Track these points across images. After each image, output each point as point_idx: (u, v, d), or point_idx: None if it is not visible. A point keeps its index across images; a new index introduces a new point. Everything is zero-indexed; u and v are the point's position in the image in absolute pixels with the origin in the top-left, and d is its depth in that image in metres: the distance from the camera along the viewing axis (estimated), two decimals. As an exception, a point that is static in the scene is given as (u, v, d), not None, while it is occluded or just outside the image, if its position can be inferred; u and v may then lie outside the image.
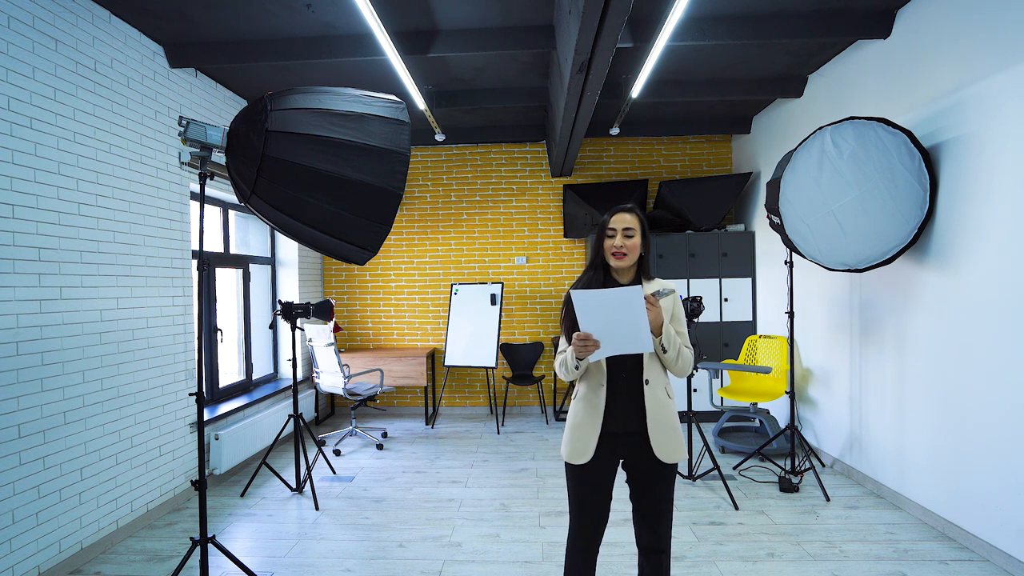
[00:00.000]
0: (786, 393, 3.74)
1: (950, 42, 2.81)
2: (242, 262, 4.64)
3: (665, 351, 1.75)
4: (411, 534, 3.00)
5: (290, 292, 5.18)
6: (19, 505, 2.43)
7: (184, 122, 2.05)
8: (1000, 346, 2.53)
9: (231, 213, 4.52)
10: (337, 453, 4.45)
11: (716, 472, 3.65)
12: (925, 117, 2.97)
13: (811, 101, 4.14)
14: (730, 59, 3.85)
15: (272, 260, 5.17)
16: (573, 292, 1.63)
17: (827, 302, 3.91)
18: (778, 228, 3.36)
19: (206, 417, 3.74)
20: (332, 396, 5.81)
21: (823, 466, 3.92)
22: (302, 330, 5.15)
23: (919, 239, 2.92)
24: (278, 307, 3.59)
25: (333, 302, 3.79)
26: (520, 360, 5.54)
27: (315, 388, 5.28)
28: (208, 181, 2.25)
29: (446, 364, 5.29)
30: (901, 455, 3.19)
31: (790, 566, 2.59)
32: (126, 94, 3.12)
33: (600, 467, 1.80)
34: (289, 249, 5.19)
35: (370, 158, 2.08)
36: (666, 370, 1.83)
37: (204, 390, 2.42)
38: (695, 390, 4.81)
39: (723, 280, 5.02)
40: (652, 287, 1.82)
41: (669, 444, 1.77)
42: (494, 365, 5.11)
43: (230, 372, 4.59)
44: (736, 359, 4.86)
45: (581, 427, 1.79)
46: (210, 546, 2.61)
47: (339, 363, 4.47)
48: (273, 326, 4.06)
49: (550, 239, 5.73)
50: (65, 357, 2.69)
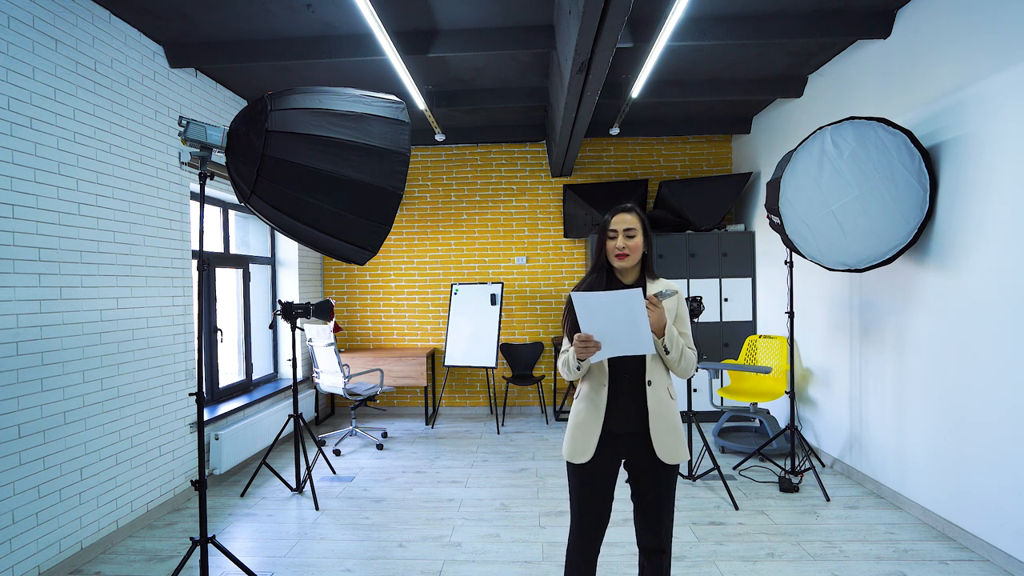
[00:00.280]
0: (786, 393, 3.74)
1: (950, 42, 2.81)
2: (242, 262, 4.64)
3: (668, 352, 1.73)
4: (411, 534, 3.00)
5: (290, 292, 5.18)
6: (19, 505, 2.44)
7: (184, 122, 2.05)
8: (1000, 346, 2.53)
9: (231, 213, 4.52)
10: (337, 453, 4.45)
11: (716, 472, 3.65)
12: (925, 117, 2.97)
13: (811, 101, 4.14)
14: (730, 59, 3.85)
15: (272, 260, 5.17)
16: (574, 294, 1.63)
17: (827, 302, 3.91)
18: (778, 228, 3.37)
19: (206, 417, 3.74)
20: (332, 396, 5.81)
21: (823, 466, 3.92)
22: (302, 330, 5.15)
23: (919, 239, 2.92)
24: (278, 307, 3.59)
25: (333, 302, 3.79)
26: (520, 360, 5.54)
27: (315, 388, 5.28)
28: (208, 181, 2.25)
29: (446, 364, 5.29)
30: (901, 455, 3.19)
31: (790, 566, 2.59)
32: (126, 94, 3.12)
33: (601, 467, 1.80)
34: (289, 249, 5.19)
35: (370, 158, 2.08)
36: (669, 371, 1.82)
37: (204, 390, 2.42)
38: (695, 390, 4.81)
39: (723, 280, 5.02)
40: (656, 287, 1.81)
41: (671, 445, 1.76)
42: (494, 365, 5.11)
43: (230, 372, 4.59)
44: (736, 359, 4.86)
45: (582, 426, 1.79)
46: (210, 546, 2.61)
47: (339, 363, 4.47)
48: (273, 326, 4.06)
49: (550, 239, 5.73)
50: (65, 357, 2.69)
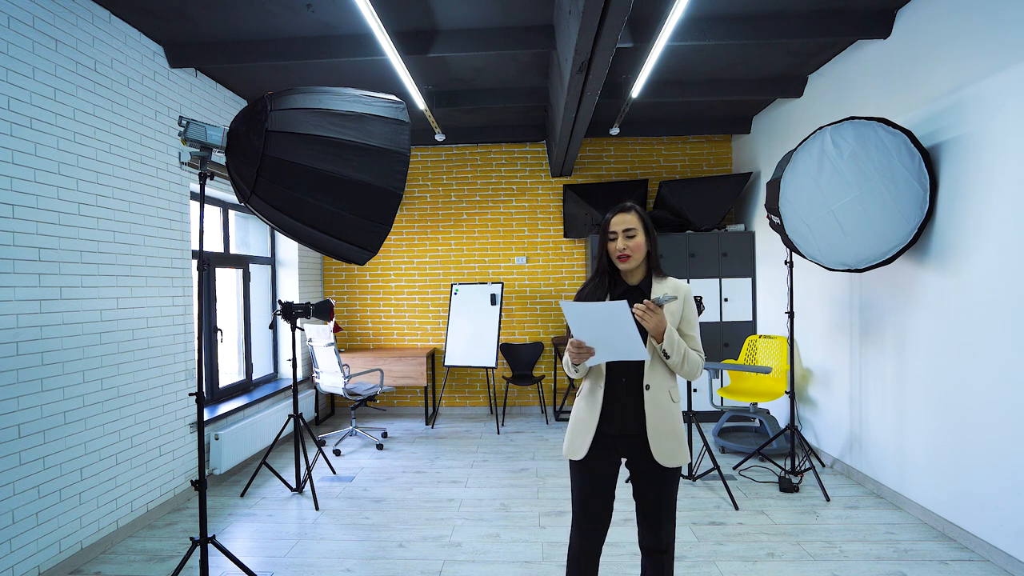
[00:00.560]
0: (786, 393, 3.74)
1: (950, 42, 2.81)
2: (242, 262, 4.64)
3: (668, 357, 1.69)
4: (411, 534, 3.00)
5: (290, 292, 5.18)
6: (19, 505, 2.44)
7: (184, 122, 2.05)
8: (1000, 346, 2.53)
9: (231, 213, 4.52)
10: (337, 453, 4.45)
11: (716, 472, 3.65)
12: (925, 117, 2.97)
13: (811, 101, 4.14)
14: (730, 59, 3.85)
15: (272, 260, 5.17)
16: (563, 303, 1.62)
17: (827, 302, 3.91)
18: (778, 228, 3.37)
19: (206, 417, 3.74)
20: (332, 396, 5.81)
21: (823, 466, 3.92)
22: (302, 330, 5.15)
23: (919, 239, 2.92)
24: (278, 307, 3.59)
25: (333, 302, 3.79)
26: (520, 360, 5.54)
27: (315, 388, 5.28)
28: (208, 181, 2.25)
29: (446, 364, 5.29)
30: (901, 455, 3.19)
31: (790, 566, 2.59)
32: (126, 94, 3.12)
33: (598, 465, 1.79)
34: (289, 249, 5.19)
35: (370, 158, 2.08)
36: (674, 374, 1.78)
37: (204, 390, 2.42)
38: (695, 390, 4.81)
39: (723, 280, 5.02)
40: (664, 287, 1.77)
41: (669, 448, 1.73)
42: (494, 365, 5.11)
43: (230, 372, 4.59)
44: (736, 359, 4.86)
45: (579, 424, 1.80)
46: (210, 546, 2.61)
47: (339, 363, 4.47)
48: (273, 326, 4.06)
49: (550, 239, 5.73)
50: (65, 357, 2.69)
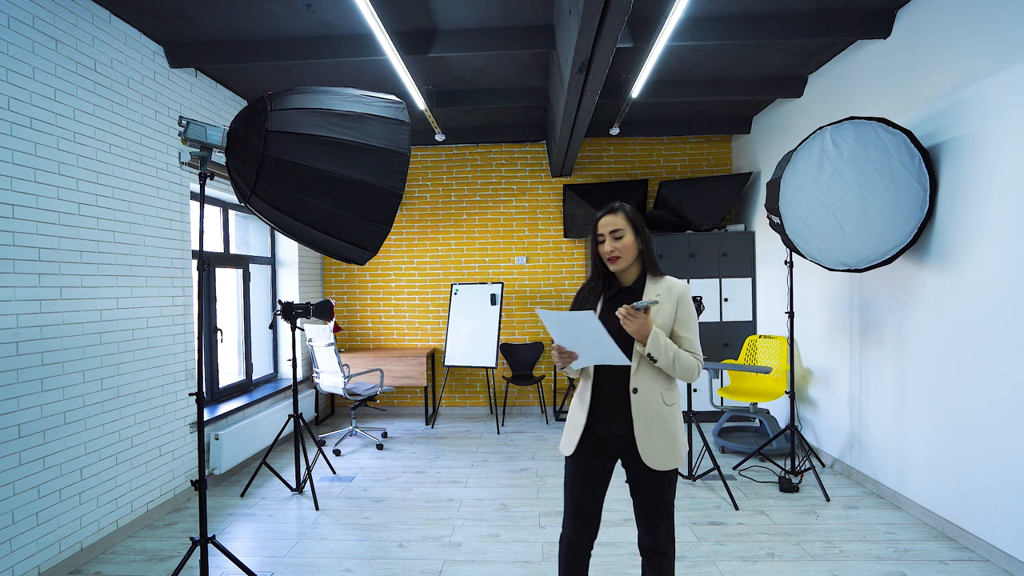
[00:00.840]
0: (786, 393, 3.74)
1: (950, 42, 2.81)
2: (242, 262, 4.64)
3: (655, 360, 1.66)
4: (411, 534, 3.00)
5: (290, 292, 5.18)
6: (19, 505, 2.43)
7: (184, 122, 2.05)
8: (1000, 346, 2.53)
9: (231, 213, 4.52)
10: (337, 453, 4.45)
11: (716, 472, 3.64)
12: (925, 117, 2.97)
13: (811, 101, 4.13)
14: (730, 59, 3.85)
15: (272, 260, 5.17)
16: (539, 311, 1.64)
17: (827, 302, 3.91)
18: (778, 228, 3.37)
19: (206, 417, 3.74)
20: (332, 396, 5.81)
21: (823, 466, 3.92)
22: (302, 330, 5.15)
23: (919, 239, 2.92)
24: (278, 307, 3.59)
25: (333, 302, 3.79)
26: (520, 360, 5.54)
27: (315, 388, 5.28)
28: (208, 181, 2.25)
29: (446, 364, 5.29)
30: (901, 455, 3.19)
31: (790, 566, 2.59)
32: (126, 94, 3.12)
33: (588, 464, 1.78)
34: (289, 249, 5.19)
35: (370, 158, 2.08)
36: (670, 376, 1.73)
37: (204, 390, 2.42)
38: (695, 390, 4.81)
39: (723, 280, 5.02)
40: (658, 287, 1.75)
41: (658, 451, 1.69)
42: (494, 365, 5.11)
43: (230, 372, 4.59)
44: (736, 359, 4.86)
45: (571, 422, 1.82)
46: (210, 546, 2.61)
47: (339, 363, 4.47)
48: (273, 326, 4.06)
49: (550, 239, 5.73)
50: (65, 357, 2.69)
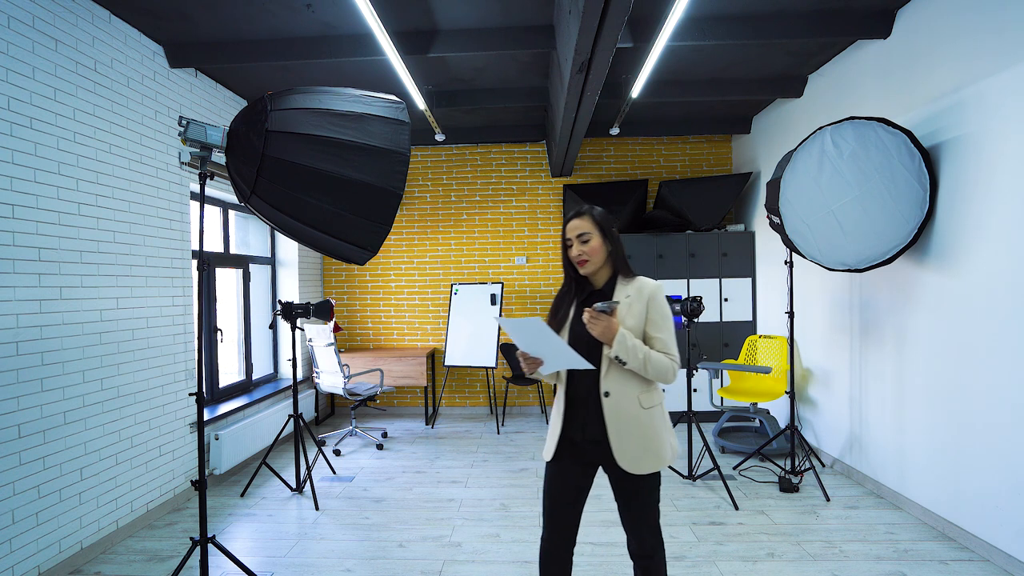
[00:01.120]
0: (786, 393, 3.74)
1: (950, 42, 2.81)
2: (242, 262, 4.64)
3: (624, 363, 1.62)
4: (411, 534, 3.00)
5: (290, 292, 5.18)
6: (19, 505, 2.43)
7: (184, 122, 2.05)
8: (1000, 346, 2.53)
9: (231, 213, 4.52)
10: (337, 453, 4.45)
11: (716, 472, 3.64)
12: (925, 117, 2.97)
13: (811, 101, 4.13)
14: (730, 59, 3.85)
15: (272, 260, 5.17)
16: (498, 318, 1.63)
17: (827, 302, 3.91)
18: (778, 228, 3.37)
19: (206, 417, 3.74)
20: (332, 396, 5.81)
21: (823, 466, 3.92)
22: (302, 330, 5.15)
23: (919, 239, 2.92)
24: (278, 307, 3.59)
25: (333, 302, 3.79)
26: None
27: (315, 388, 5.28)
28: (208, 181, 2.25)
29: (446, 364, 5.29)
30: (901, 455, 3.19)
31: (790, 566, 2.59)
32: (126, 94, 3.12)
33: (565, 468, 1.76)
34: (289, 249, 5.19)
35: (370, 158, 2.08)
36: (648, 379, 1.68)
37: (204, 390, 2.42)
38: (695, 390, 4.80)
39: (723, 280, 5.02)
40: (628, 289, 1.72)
41: (634, 456, 1.66)
42: (494, 365, 5.11)
43: (230, 372, 4.59)
44: (736, 359, 4.86)
45: (550, 427, 1.82)
46: (210, 546, 2.61)
47: (339, 363, 4.47)
48: (273, 326, 4.06)
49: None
50: (65, 357, 2.69)
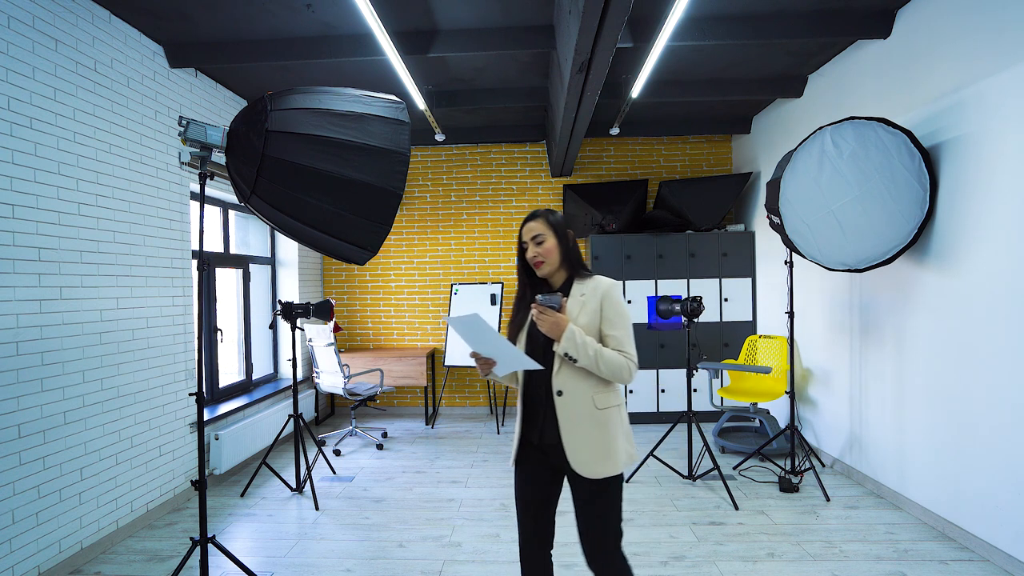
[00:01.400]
0: (786, 393, 3.74)
1: (950, 42, 2.81)
2: (242, 262, 4.64)
3: (575, 360, 1.58)
4: (411, 534, 3.00)
5: (290, 292, 5.18)
6: (19, 505, 2.43)
7: (184, 122, 2.05)
8: (1000, 346, 2.53)
9: (231, 213, 4.52)
10: (337, 453, 4.45)
11: (716, 472, 3.64)
12: (925, 117, 2.97)
13: (811, 101, 4.13)
14: (730, 59, 3.85)
15: (272, 260, 5.17)
16: (447, 318, 1.63)
17: (827, 302, 3.91)
18: (778, 228, 3.37)
19: (206, 417, 3.74)
20: (332, 396, 5.81)
21: (823, 466, 3.92)
22: (302, 330, 5.15)
23: (919, 239, 2.92)
24: (278, 307, 3.59)
25: (333, 302, 3.79)
26: (520, 360, 5.53)
27: (315, 388, 5.28)
28: (208, 181, 2.25)
29: (446, 364, 5.29)
30: (901, 455, 3.19)
31: (790, 566, 2.59)
32: (126, 94, 3.12)
33: (530, 472, 1.75)
34: (289, 249, 5.19)
35: (370, 158, 2.08)
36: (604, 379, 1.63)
37: (204, 390, 2.42)
38: (695, 390, 4.81)
39: (723, 280, 5.02)
40: (584, 288, 1.69)
41: (587, 458, 1.59)
42: (494, 365, 5.10)
43: (230, 372, 4.59)
44: (736, 359, 4.86)
45: (515, 430, 1.79)
46: (210, 546, 2.61)
47: (339, 363, 4.47)
48: (273, 326, 4.06)
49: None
50: (65, 357, 2.69)
